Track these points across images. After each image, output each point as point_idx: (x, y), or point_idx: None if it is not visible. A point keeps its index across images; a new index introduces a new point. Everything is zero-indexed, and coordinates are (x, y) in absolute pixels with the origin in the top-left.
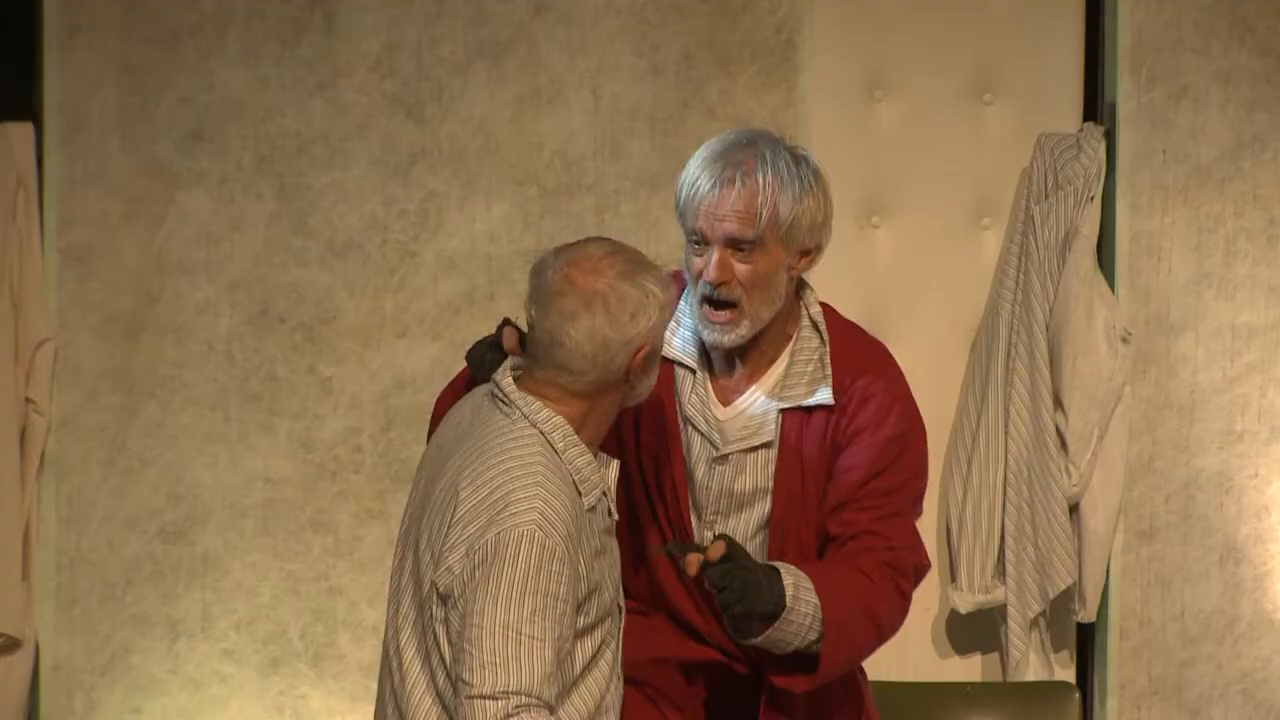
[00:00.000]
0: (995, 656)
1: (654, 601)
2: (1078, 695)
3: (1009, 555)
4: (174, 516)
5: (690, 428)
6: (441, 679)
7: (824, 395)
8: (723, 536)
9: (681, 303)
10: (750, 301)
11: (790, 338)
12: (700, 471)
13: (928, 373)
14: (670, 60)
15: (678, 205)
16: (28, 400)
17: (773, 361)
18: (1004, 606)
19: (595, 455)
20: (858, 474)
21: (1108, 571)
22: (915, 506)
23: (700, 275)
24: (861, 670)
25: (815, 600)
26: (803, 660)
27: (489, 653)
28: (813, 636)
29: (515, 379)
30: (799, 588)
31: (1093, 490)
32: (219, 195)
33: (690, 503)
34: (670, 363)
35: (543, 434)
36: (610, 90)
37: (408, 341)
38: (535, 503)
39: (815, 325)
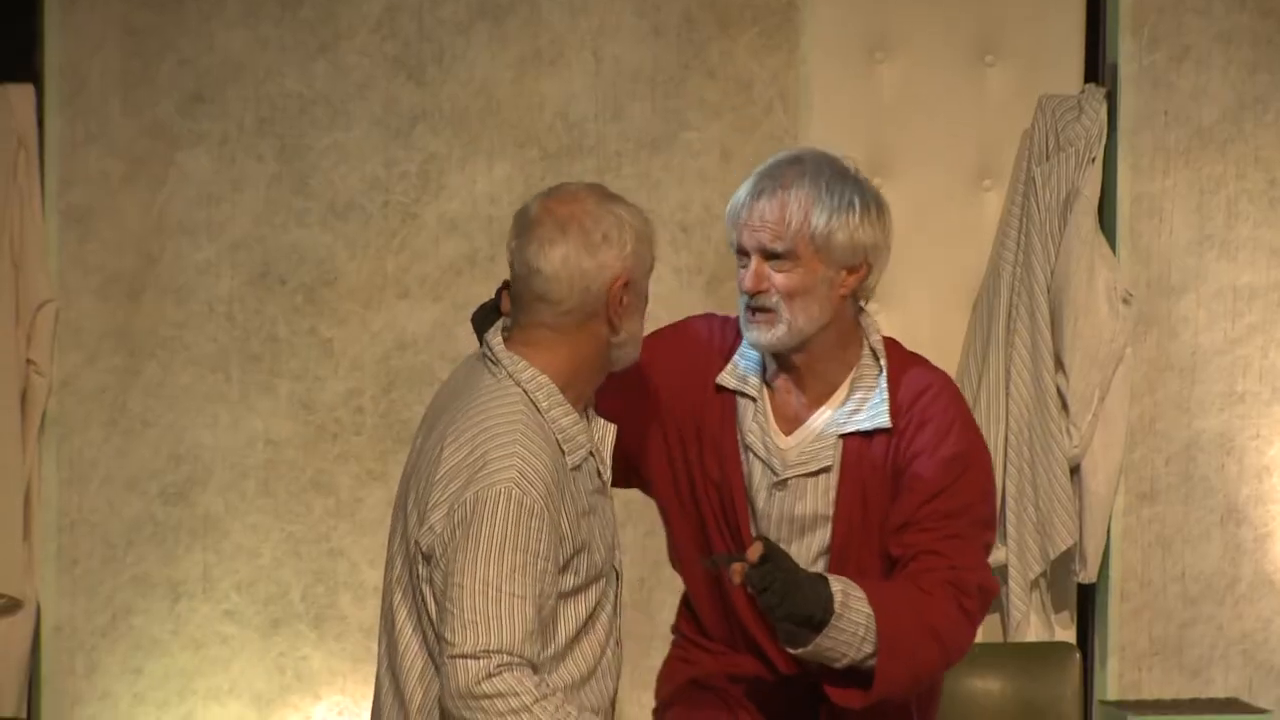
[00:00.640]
0: (996, 617)
1: (732, 639)
2: (1078, 656)
3: (1010, 516)
4: (175, 478)
5: (750, 455)
6: (432, 639)
7: (882, 419)
8: (761, 538)
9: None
10: (789, 309)
11: (852, 366)
12: (761, 499)
13: (928, 334)
14: (671, 21)
15: (726, 224)
16: (29, 361)
17: (834, 389)
18: (1005, 567)
19: (584, 415)
20: (918, 495)
21: (1108, 533)
22: (984, 531)
23: (743, 290)
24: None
25: (868, 610)
26: (861, 676)
27: (469, 610)
28: (868, 649)
29: (505, 339)
30: (849, 595)
31: (1093, 451)
32: (220, 156)
33: (752, 531)
34: (731, 393)
35: (527, 393)
36: (611, 51)
37: (409, 303)
38: (513, 460)
39: (875, 354)
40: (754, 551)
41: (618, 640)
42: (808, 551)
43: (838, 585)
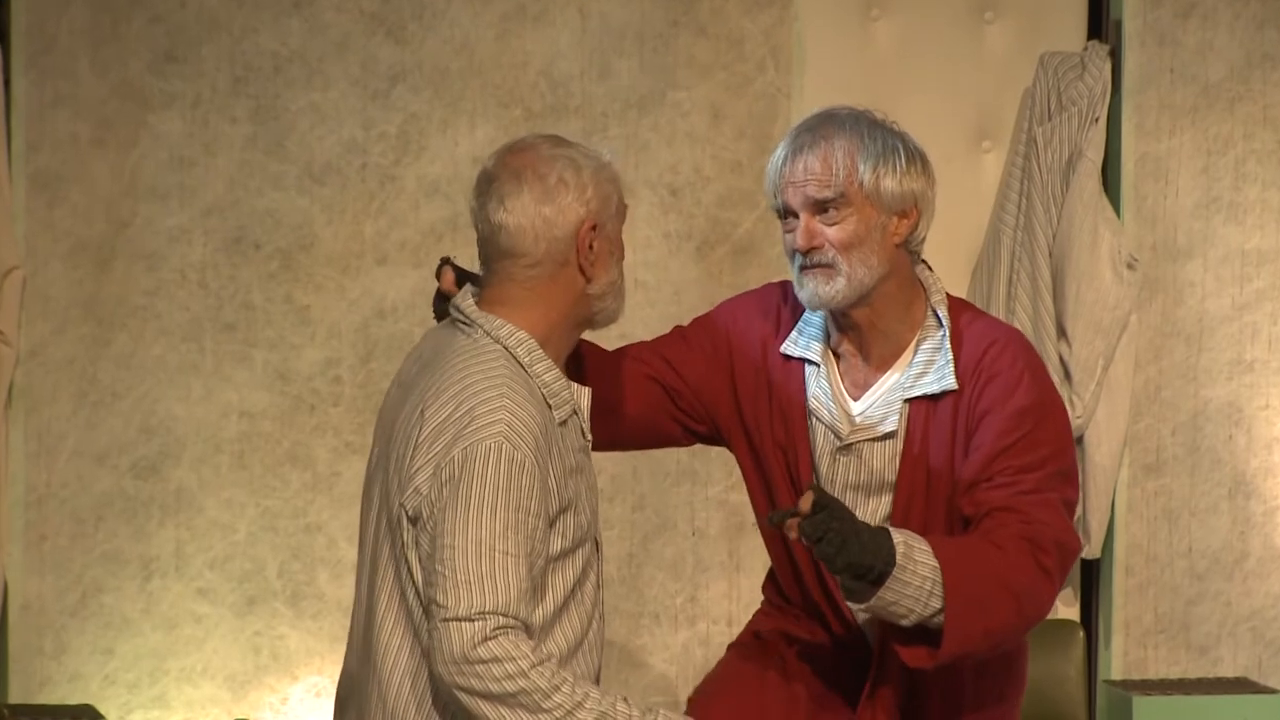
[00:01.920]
0: None
1: (806, 601)
2: (1081, 634)
3: None
4: (146, 451)
5: (814, 420)
6: (418, 613)
7: (948, 380)
8: (814, 487)
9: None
10: (846, 261)
11: (918, 326)
12: (825, 464)
13: None
14: None
15: (766, 191)
16: None
17: (900, 351)
18: None
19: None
20: (987, 449)
21: (1112, 506)
22: (1063, 486)
23: (794, 250)
24: (1015, 677)
25: (934, 563)
26: (931, 635)
27: (462, 572)
28: (935, 605)
29: (475, 301)
30: (912, 548)
31: (1097, 422)
32: (192, 118)
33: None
34: (800, 361)
35: (507, 349)
36: (598, 8)
37: (388, 269)
38: (501, 414)
39: (936, 313)
40: (805, 501)
41: (601, 614)
42: (870, 518)
43: (899, 536)
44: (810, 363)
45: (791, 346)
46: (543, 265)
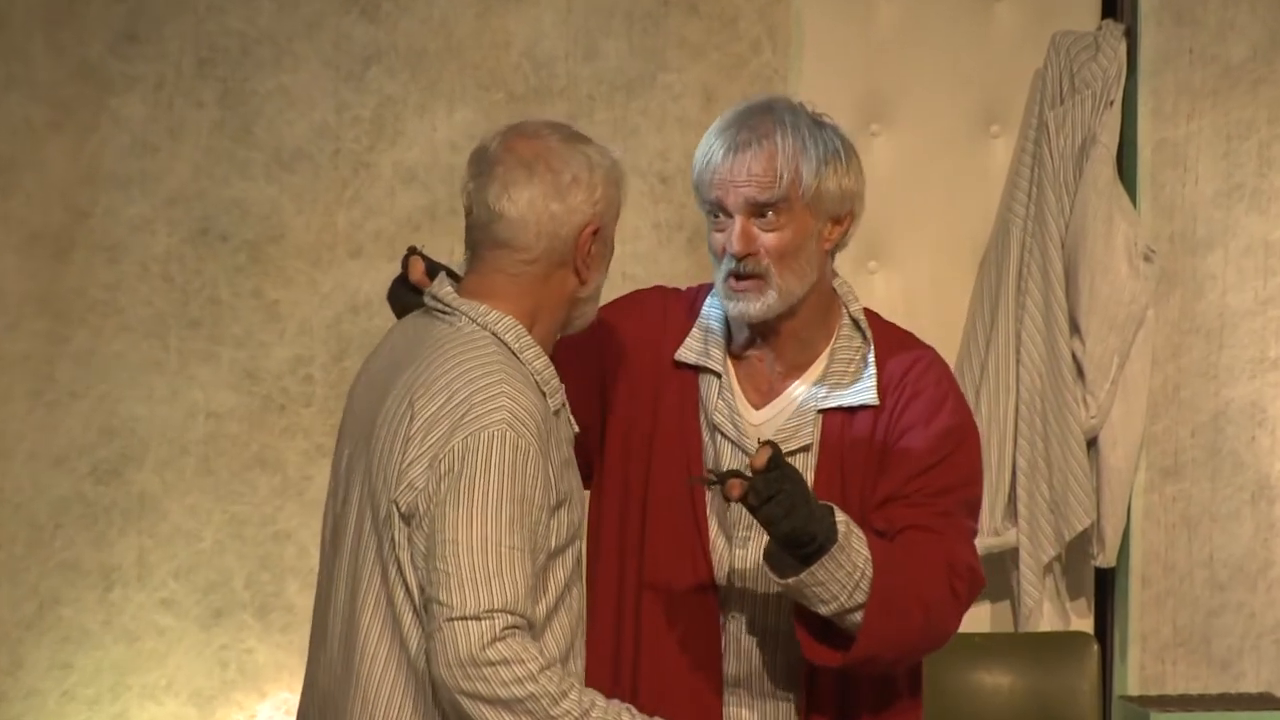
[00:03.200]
0: (1006, 605)
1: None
2: (1096, 647)
3: (1021, 495)
4: (107, 454)
5: (718, 435)
6: (407, 619)
7: (868, 394)
8: (768, 443)
9: (706, 306)
10: (779, 272)
11: (831, 334)
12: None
13: (931, 296)
14: None
15: (694, 184)
16: None
17: (813, 359)
18: (1016, 551)
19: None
20: (908, 468)
21: (1129, 512)
22: (971, 515)
23: (723, 251)
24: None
25: (867, 554)
26: (838, 637)
27: (468, 569)
28: (859, 598)
29: (454, 289)
30: (851, 531)
31: (1112, 423)
32: (155, 102)
33: (712, 521)
34: (692, 370)
35: (495, 335)
36: None
37: (362, 262)
38: (502, 400)
39: (856, 324)
40: (761, 457)
41: (584, 621)
42: None
43: (842, 517)
44: (708, 371)
45: (688, 353)
46: (539, 263)
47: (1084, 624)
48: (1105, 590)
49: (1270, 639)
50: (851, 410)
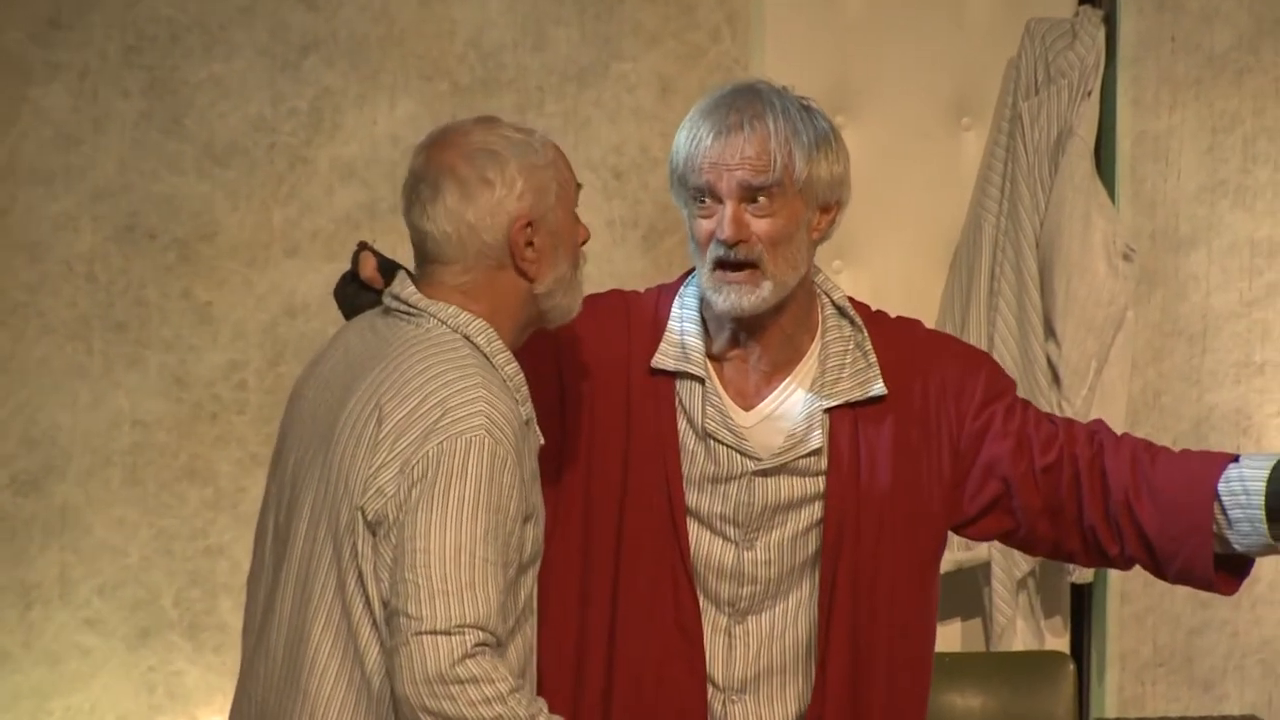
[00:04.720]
0: (977, 623)
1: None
2: (1072, 667)
3: None
4: (27, 464)
5: (712, 442)
6: (364, 633)
7: (875, 386)
8: None
9: (675, 308)
10: (772, 261)
11: (816, 326)
12: (736, 489)
13: (900, 297)
14: None
15: (674, 171)
16: None
17: (801, 356)
18: (987, 565)
19: None
20: (1018, 421)
21: None
22: None
23: (710, 238)
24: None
25: None
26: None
27: (439, 580)
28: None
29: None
30: None
31: None
32: (79, 91)
33: (690, 529)
34: (669, 376)
35: (466, 337)
36: None
37: (299, 262)
38: (479, 404)
39: (843, 311)
40: None
41: (534, 649)
42: (796, 526)
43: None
44: (689, 377)
45: (665, 359)
46: (475, 271)
47: (1059, 643)
48: (1082, 607)
49: (1255, 659)
50: (857, 405)
